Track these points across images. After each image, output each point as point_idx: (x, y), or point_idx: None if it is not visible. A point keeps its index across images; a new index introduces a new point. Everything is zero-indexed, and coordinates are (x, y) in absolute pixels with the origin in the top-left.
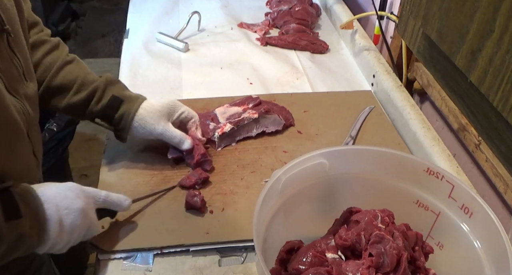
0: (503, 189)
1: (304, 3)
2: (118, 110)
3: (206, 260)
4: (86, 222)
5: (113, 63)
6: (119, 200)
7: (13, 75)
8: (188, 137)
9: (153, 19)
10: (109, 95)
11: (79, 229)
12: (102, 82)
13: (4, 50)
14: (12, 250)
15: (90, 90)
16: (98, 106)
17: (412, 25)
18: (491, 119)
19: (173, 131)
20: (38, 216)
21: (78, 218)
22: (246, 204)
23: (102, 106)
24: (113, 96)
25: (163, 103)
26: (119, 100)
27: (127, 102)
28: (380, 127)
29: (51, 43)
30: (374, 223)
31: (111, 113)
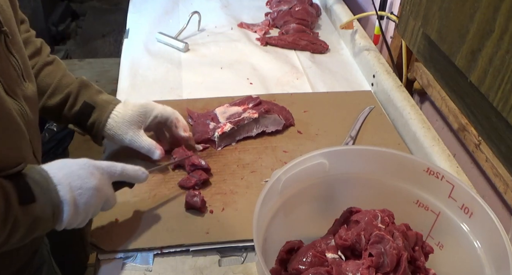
0: (503, 189)
1: (304, 3)
2: (90, 117)
3: (206, 260)
4: (101, 199)
5: (113, 63)
6: (136, 172)
7: (12, 76)
8: (158, 147)
9: (153, 19)
10: (81, 101)
11: (93, 207)
12: (76, 87)
13: (2, 51)
14: (30, 232)
15: (64, 95)
16: (71, 112)
17: (412, 25)
18: (491, 119)
19: (141, 141)
20: (51, 199)
21: (92, 196)
22: (246, 204)
23: (75, 112)
24: (84, 103)
25: (134, 110)
26: (91, 106)
27: (98, 110)
28: (380, 127)
29: (34, 46)
30: (374, 223)
31: (83, 120)
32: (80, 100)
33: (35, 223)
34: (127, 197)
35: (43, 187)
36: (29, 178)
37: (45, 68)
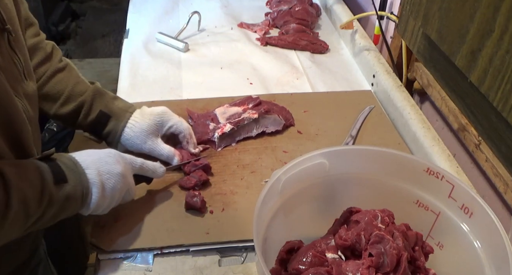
0: (503, 189)
1: (304, 3)
2: (106, 126)
3: (206, 260)
4: (125, 186)
5: (113, 63)
6: (154, 167)
7: (14, 74)
8: (176, 153)
9: (153, 19)
10: (97, 110)
11: (119, 192)
12: (90, 95)
13: (5, 49)
14: (61, 211)
15: (78, 104)
16: (86, 121)
17: (412, 25)
18: (491, 119)
19: (160, 149)
20: (81, 181)
21: (118, 182)
22: (246, 204)
23: (91, 121)
24: (100, 112)
25: (151, 119)
26: (107, 116)
27: (114, 118)
28: (380, 127)
29: (44, 52)
30: (374, 223)
31: (99, 129)
32: (95, 109)
33: (67, 201)
34: None
35: (73, 170)
36: (60, 162)
37: (56, 75)
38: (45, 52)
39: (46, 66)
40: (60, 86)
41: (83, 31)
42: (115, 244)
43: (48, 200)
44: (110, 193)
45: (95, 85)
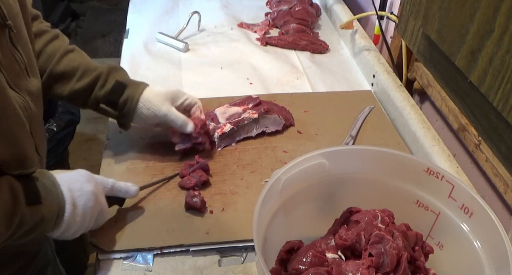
0: (503, 189)
1: (304, 3)
2: (122, 94)
3: (206, 260)
4: (97, 205)
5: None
6: (127, 187)
7: (15, 70)
8: (190, 120)
9: (153, 19)
10: (113, 81)
11: (91, 212)
12: (105, 68)
13: (6, 45)
14: (30, 233)
15: (94, 76)
16: (101, 92)
17: (412, 25)
18: (491, 119)
19: (177, 114)
20: (58, 202)
21: (90, 200)
22: (246, 204)
23: (106, 91)
24: (117, 81)
25: (167, 89)
26: (123, 84)
27: (131, 87)
28: (380, 127)
29: (51, 33)
30: (374, 223)
31: (115, 97)
32: (111, 80)
33: (40, 222)
34: None
35: (48, 188)
36: (39, 182)
37: (68, 55)
38: (52, 33)
39: (55, 44)
40: (75, 63)
41: (83, 31)
42: (115, 244)
43: (19, 221)
44: (81, 211)
45: (110, 62)
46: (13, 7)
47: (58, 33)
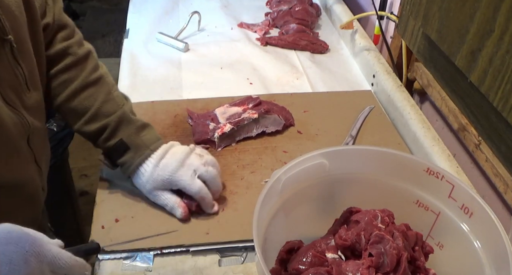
0: (503, 189)
1: (304, 3)
2: (122, 156)
3: (206, 260)
4: None
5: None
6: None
7: (13, 85)
8: (181, 205)
9: (153, 19)
10: (118, 138)
11: None
12: (115, 120)
13: (6, 60)
14: None
15: (101, 126)
16: (105, 145)
17: (412, 25)
18: (491, 119)
19: (164, 200)
20: None
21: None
22: (246, 204)
23: (109, 147)
24: (120, 141)
25: (161, 176)
26: (126, 146)
27: (132, 151)
28: (380, 127)
29: (74, 57)
30: (374, 223)
31: (115, 156)
32: (117, 136)
33: None
34: (127, 197)
35: None
36: None
37: (87, 90)
38: (75, 58)
39: (74, 73)
40: (88, 102)
41: (83, 31)
42: (115, 244)
43: None
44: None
45: (124, 108)
46: (18, 18)
47: (81, 57)
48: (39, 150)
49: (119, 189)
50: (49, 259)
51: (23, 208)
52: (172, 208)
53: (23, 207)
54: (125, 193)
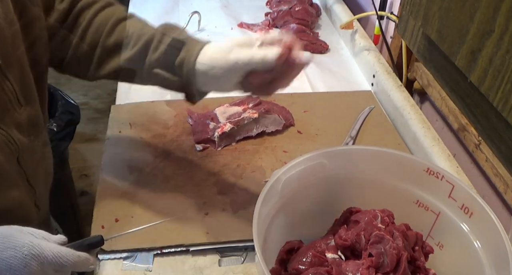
0: (503, 189)
1: (304, 3)
2: (180, 53)
3: (206, 260)
4: None
5: None
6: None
7: (1, 102)
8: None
9: (153, 19)
10: (169, 39)
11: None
12: (160, 28)
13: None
14: None
15: (147, 38)
16: (156, 53)
17: (412, 25)
18: (491, 119)
19: (250, 52)
20: None
21: None
22: (246, 204)
23: (161, 51)
24: (173, 39)
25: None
26: (181, 42)
27: (189, 43)
28: (380, 127)
29: (103, 2)
30: (374, 223)
31: (171, 58)
32: (167, 39)
33: None
34: (127, 197)
35: None
36: None
37: (121, 23)
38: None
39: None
40: (127, 32)
41: None
42: (115, 244)
43: None
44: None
45: (166, 22)
46: (4, 29)
47: (110, 2)
48: (32, 169)
49: (119, 189)
50: (50, 259)
51: None
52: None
53: None
54: (125, 193)
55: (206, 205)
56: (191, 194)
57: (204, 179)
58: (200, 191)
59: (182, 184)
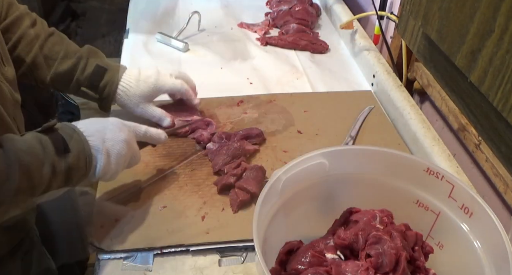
0: (503, 189)
1: (304, 3)
2: (103, 78)
3: (206, 260)
4: (130, 152)
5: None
6: (158, 134)
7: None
8: (167, 115)
9: (153, 19)
10: (93, 64)
11: (124, 158)
12: (85, 52)
13: None
14: (67, 180)
15: (75, 59)
16: (83, 75)
17: (412, 25)
18: (491, 119)
19: (152, 111)
20: (84, 149)
21: (122, 148)
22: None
23: (88, 74)
24: (97, 66)
25: (145, 86)
26: (103, 69)
27: (110, 71)
28: (380, 127)
29: (31, 17)
30: (372, 223)
31: (96, 81)
32: (91, 63)
33: (71, 170)
34: (127, 197)
35: (76, 139)
36: (63, 132)
37: (50, 39)
38: (32, 18)
39: (38, 29)
40: (57, 47)
41: (83, 31)
42: (115, 244)
43: (51, 170)
44: (115, 160)
45: (88, 45)
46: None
47: (36, 17)
48: (19, 123)
49: (119, 189)
50: (132, 127)
51: None
52: (160, 118)
53: None
54: (125, 193)
55: (206, 205)
56: (191, 194)
57: (204, 179)
58: (200, 191)
59: (182, 184)
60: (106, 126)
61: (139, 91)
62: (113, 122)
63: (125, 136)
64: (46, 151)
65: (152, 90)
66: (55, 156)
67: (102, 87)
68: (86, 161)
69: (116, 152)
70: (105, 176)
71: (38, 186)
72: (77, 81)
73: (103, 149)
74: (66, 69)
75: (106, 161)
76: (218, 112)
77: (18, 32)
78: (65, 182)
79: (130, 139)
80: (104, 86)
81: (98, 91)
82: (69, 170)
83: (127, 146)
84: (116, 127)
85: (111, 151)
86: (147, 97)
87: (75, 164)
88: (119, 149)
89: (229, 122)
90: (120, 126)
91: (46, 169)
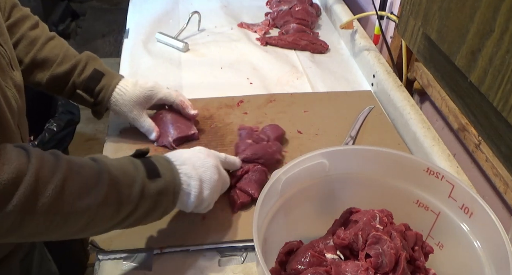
0: (503, 189)
1: (304, 3)
2: (100, 82)
3: (206, 260)
4: (221, 177)
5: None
6: (234, 160)
7: (2, 65)
8: (155, 129)
9: (153, 19)
10: (91, 68)
11: (216, 183)
12: (84, 56)
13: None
14: (154, 207)
15: (73, 62)
16: (80, 78)
17: (412, 25)
18: (491, 119)
19: (142, 122)
20: (174, 178)
21: (214, 173)
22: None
23: (84, 77)
24: (94, 70)
25: (141, 91)
26: (100, 73)
27: (107, 76)
28: (380, 127)
29: (34, 19)
30: (372, 223)
31: (92, 84)
32: (89, 68)
33: (160, 196)
34: None
35: (167, 167)
36: (154, 159)
37: (50, 42)
38: (34, 20)
39: (38, 31)
40: (55, 50)
41: (83, 31)
42: (115, 244)
43: (140, 190)
44: (208, 185)
45: (87, 51)
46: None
47: (38, 20)
48: (23, 131)
49: None
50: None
51: None
52: (147, 130)
53: None
54: None
55: None
56: None
57: None
58: None
59: None
60: (194, 154)
61: (135, 96)
62: (200, 150)
63: (214, 162)
64: (138, 173)
65: (147, 95)
66: (146, 179)
67: (98, 91)
68: (174, 190)
69: (208, 178)
70: (202, 204)
71: (126, 204)
72: (73, 83)
73: (195, 175)
74: (64, 72)
75: (200, 188)
76: (218, 112)
77: (19, 33)
78: (152, 209)
79: (218, 164)
80: (100, 90)
81: (94, 94)
82: (159, 195)
83: (218, 171)
84: (203, 154)
85: (203, 177)
86: (141, 103)
87: (164, 190)
88: (211, 174)
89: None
90: (207, 153)
91: (136, 188)
